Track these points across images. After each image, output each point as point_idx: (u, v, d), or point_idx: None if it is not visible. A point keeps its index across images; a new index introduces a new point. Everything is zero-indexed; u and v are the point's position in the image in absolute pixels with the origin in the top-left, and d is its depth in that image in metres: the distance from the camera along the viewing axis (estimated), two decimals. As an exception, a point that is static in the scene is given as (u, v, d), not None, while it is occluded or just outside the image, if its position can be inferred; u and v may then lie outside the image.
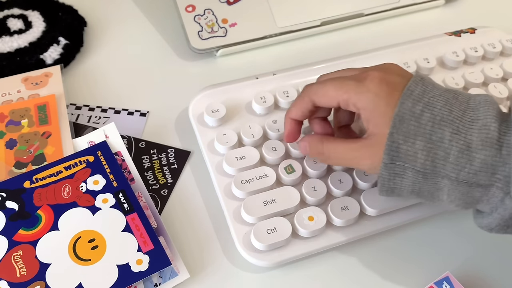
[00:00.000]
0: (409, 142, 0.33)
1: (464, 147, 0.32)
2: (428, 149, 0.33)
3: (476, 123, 0.32)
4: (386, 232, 0.42)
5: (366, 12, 0.56)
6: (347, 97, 0.36)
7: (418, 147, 0.33)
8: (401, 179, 0.34)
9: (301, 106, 0.39)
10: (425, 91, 0.34)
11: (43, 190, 0.41)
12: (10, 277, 0.37)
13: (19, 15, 0.54)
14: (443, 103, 0.33)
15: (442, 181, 0.33)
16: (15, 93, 0.48)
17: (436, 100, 0.34)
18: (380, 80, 0.35)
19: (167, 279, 0.38)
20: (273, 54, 0.55)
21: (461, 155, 0.32)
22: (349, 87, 0.36)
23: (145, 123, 0.48)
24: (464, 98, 0.34)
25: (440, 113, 0.33)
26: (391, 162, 0.34)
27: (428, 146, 0.33)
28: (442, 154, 0.33)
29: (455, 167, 0.32)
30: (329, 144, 0.38)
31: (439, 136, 0.33)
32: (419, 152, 0.33)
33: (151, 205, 0.42)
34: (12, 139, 0.44)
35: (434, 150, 0.33)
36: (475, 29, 0.54)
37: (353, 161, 0.37)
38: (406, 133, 0.33)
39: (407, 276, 0.40)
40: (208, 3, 0.53)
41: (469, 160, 0.32)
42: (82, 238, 0.39)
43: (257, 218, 0.39)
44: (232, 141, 0.43)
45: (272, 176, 0.41)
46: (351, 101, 0.36)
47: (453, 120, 0.33)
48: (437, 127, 0.33)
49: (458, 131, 0.32)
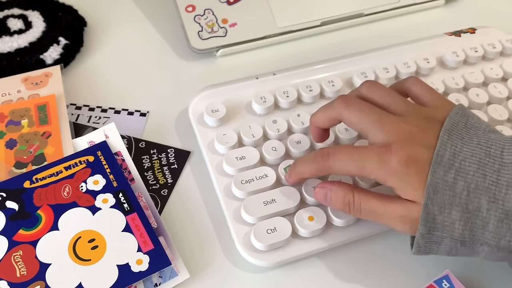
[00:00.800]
0: (445, 212, 0.32)
1: (503, 215, 0.31)
2: (465, 219, 0.32)
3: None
4: (386, 231, 0.42)
5: (366, 12, 0.56)
6: (371, 175, 0.34)
7: (455, 218, 0.32)
8: (437, 246, 0.34)
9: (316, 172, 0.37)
10: (454, 153, 0.33)
11: (43, 190, 0.41)
12: (10, 277, 0.37)
13: (19, 15, 0.54)
14: (476, 166, 0.32)
15: (481, 247, 0.33)
16: (15, 93, 0.48)
17: (468, 163, 0.32)
18: (407, 161, 0.33)
19: (167, 279, 0.38)
20: (273, 54, 0.55)
21: (500, 224, 0.31)
22: (373, 168, 0.34)
23: (145, 123, 0.48)
24: (497, 151, 0.33)
25: (474, 180, 0.32)
26: (427, 232, 0.33)
27: (465, 216, 0.32)
28: (481, 223, 0.32)
29: (495, 236, 0.32)
30: (361, 195, 0.36)
31: (476, 205, 0.32)
32: (456, 222, 0.32)
33: (151, 205, 0.42)
34: (12, 139, 0.44)
35: (472, 219, 0.32)
36: (475, 29, 0.54)
37: (387, 220, 0.35)
38: (441, 204, 0.32)
39: (407, 275, 0.40)
40: (208, 3, 0.53)
41: (509, 229, 0.31)
42: (82, 238, 0.39)
43: (257, 218, 0.39)
44: (232, 141, 0.43)
45: (272, 176, 0.41)
46: (377, 178, 0.34)
47: (489, 187, 0.32)
48: (473, 196, 0.32)
49: (495, 198, 0.31)
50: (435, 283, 0.37)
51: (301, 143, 0.43)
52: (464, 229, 0.32)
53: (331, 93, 0.47)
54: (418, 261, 0.41)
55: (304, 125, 0.44)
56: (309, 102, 0.47)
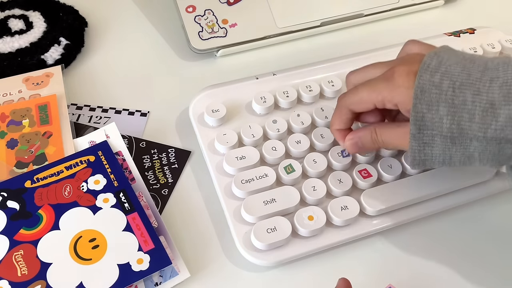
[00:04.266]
0: (433, 109, 0.34)
1: (487, 105, 0.33)
2: (452, 113, 0.34)
3: (496, 81, 0.33)
4: (385, 231, 0.42)
5: (366, 12, 0.56)
6: (381, 98, 0.37)
7: (443, 113, 0.34)
8: (430, 148, 0.35)
9: (341, 117, 0.40)
10: (441, 62, 0.35)
11: (44, 189, 0.41)
12: (11, 277, 0.37)
13: (20, 15, 0.54)
14: (461, 69, 0.34)
15: (471, 144, 0.34)
16: (16, 93, 0.48)
17: (453, 68, 0.34)
18: (407, 73, 0.36)
19: (167, 278, 0.38)
20: (273, 54, 0.55)
21: (485, 114, 0.33)
22: (381, 88, 0.37)
23: (145, 123, 0.48)
24: (482, 61, 0.35)
25: (459, 79, 0.34)
26: (418, 132, 0.35)
27: (452, 110, 0.34)
28: (467, 116, 0.33)
29: (482, 125, 0.33)
30: (380, 128, 0.39)
31: (461, 99, 0.33)
32: (444, 117, 0.34)
33: (151, 204, 0.42)
34: (13, 139, 0.45)
35: (459, 113, 0.34)
36: (475, 29, 0.54)
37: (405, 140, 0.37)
38: (429, 102, 0.34)
39: (408, 274, 0.40)
40: (208, 4, 0.53)
41: (494, 117, 0.33)
42: (83, 238, 0.39)
43: (257, 218, 0.39)
44: (232, 141, 0.43)
45: (272, 176, 0.41)
46: (386, 100, 0.37)
47: (473, 82, 0.33)
48: (458, 91, 0.34)
49: (479, 91, 0.33)
50: None
51: (301, 143, 0.43)
52: (452, 123, 0.34)
53: (331, 93, 0.47)
54: (417, 261, 0.41)
55: (304, 125, 0.45)
56: (309, 102, 0.47)
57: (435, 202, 0.42)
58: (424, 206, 0.42)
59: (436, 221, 0.43)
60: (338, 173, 0.42)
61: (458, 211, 0.43)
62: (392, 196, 0.41)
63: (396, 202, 0.41)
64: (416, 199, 0.41)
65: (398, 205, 0.41)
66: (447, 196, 0.42)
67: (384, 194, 0.41)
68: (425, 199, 0.42)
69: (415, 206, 0.42)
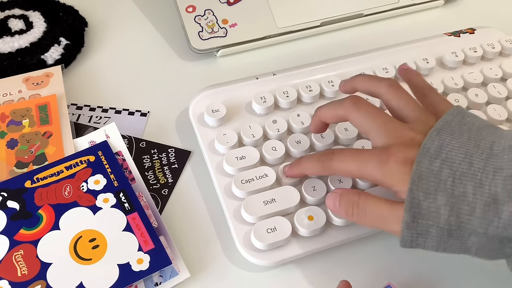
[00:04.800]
0: (430, 198, 0.31)
1: (489, 200, 0.30)
2: (451, 204, 0.31)
3: (500, 174, 0.30)
4: (383, 232, 0.42)
5: (366, 12, 0.56)
6: (372, 178, 0.35)
7: (440, 203, 0.31)
8: (424, 240, 0.32)
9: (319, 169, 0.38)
10: (442, 146, 0.32)
11: (44, 189, 0.41)
12: (11, 277, 0.37)
13: (20, 15, 0.54)
14: (463, 156, 0.31)
15: (469, 239, 0.31)
16: (16, 93, 0.48)
17: (455, 154, 0.32)
18: (405, 161, 0.33)
19: (167, 278, 0.38)
20: (273, 54, 0.55)
21: (487, 208, 0.30)
22: (372, 167, 0.34)
23: (145, 123, 0.48)
24: (487, 143, 0.32)
25: (459, 168, 0.31)
26: (412, 220, 0.32)
27: (451, 201, 0.31)
28: (467, 208, 0.31)
29: (483, 221, 0.30)
30: (366, 197, 0.35)
31: (461, 191, 0.31)
32: (442, 207, 0.31)
33: (151, 204, 0.42)
34: (13, 139, 0.45)
35: (458, 205, 0.31)
36: (474, 29, 0.54)
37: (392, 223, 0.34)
38: (426, 189, 0.31)
39: (408, 274, 0.40)
40: (208, 4, 0.53)
41: (496, 213, 0.30)
42: (83, 238, 0.39)
43: (257, 218, 0.39)
44: (232, 141, 0.43)
45: (272, 176, 0.41)
46: (376, 181, 0.35)
47: (475, 173, 0.31)
48: (458, 182, 0.31)
49: (481, 184, 0.30)
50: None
51: (301, 143, 0.44)
52: (450, 215, 0.31)
53: (331, 93, 0.47)
54: (417, 260, 0.41)
55: (304, 125, 0.45)
56: (309, 102, 0.47)
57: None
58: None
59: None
60: (338, 173, 0.42)
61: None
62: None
63: (396, 202, 0.41)
64: (416, 199, 0.41)
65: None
66: (447, 196, 0.42)
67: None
68: (425, 199, 0.42)
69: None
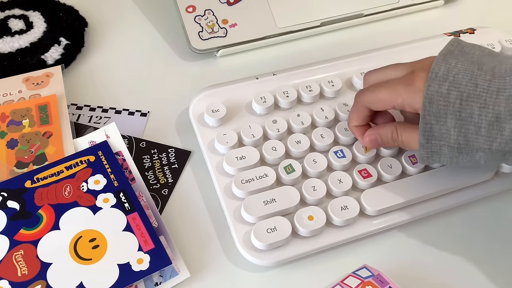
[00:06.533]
0: (441, 121, 0.35)
1: (493, 119, 0.34)
2: (459, 126, 0.35)
3: (502, 94, 0.34)
4: (385, 231, 0.42)
5: (366, 13, 0.56)
6: (401, 100, 0.38)
7: (450, 125, 0.35)
8: (438, 156, 0.37)
9: (359, 114, 0.41)
10: (448, 69, 0.35)
11: (44, 189, 0.41)
12: (11, 277, 0.37)
13: (20, 15, 0.54)
14: (468, 78, 0.35)
15: (477, 154, 0.35)
16: (16, 93, 0.48)
17: (461, 76, 0.35)
18: None
19: (167, 278, 0.38)
20: (273, 54, 0.55)
21: (491, 127, 0.34)
22: (401, 91, 0.38)
23: (145, 123, 0.48)
24: (489, 67, 0.35)
25: (466, 89, 0.34)
26: (427, 142, 0.36)
27: (459, 123, 0.35)
28: (473, 128, 0.34)
29: (487, 139, 0.34)
30: (402, 129, 0.39)
31: (468, 112, 0.34)
32: (451, 129, 0.35)
33: (151, 204, 0.42)
34: (14, 139, 0.45)
35: (466, 126, 0.35)
36: (475, 29, 0.54)
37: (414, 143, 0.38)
38: (437, 113, 0.35)
39: (408, 274, 0.40)
40: (208, 4, 0.53)
41: (499, 131, 0.34)
42: (83, 238, 0.39)
43: (257, 218, 0.39)
44: (232, 141, 0.43)
45: (272, 176, 0.41)
46: (406, 103, 0.37)
47: (480, 94, 0.34)
48: (465, 104, 0.34)
49: (485, 104, 0.34)
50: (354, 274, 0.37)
51: (301, 143, 0.44)
52: (459, 135, 0.35)
53: (331, 93, 0.47)
54: (417, 260, 0.41)
55: (304, 125, 0.45)
56: (309, 102, 0.47)
57: (435, 202, 0.42)
58: (424, 206, 0.42)
59: (436, 221, 0.43)
60: (338, 173, 0.42)
61: (458, 211, 0.43)
62: (392, 196, 0.41)
63: (396, 202, 0.41)
64: (416, 199, 0.41)
65: (398, 205, 0.41)
66: (447, 196, 0.43)
67: (384, 194, 0.41)
68: (425, 199, 0.42)
69: (415, 206, 0.42)
